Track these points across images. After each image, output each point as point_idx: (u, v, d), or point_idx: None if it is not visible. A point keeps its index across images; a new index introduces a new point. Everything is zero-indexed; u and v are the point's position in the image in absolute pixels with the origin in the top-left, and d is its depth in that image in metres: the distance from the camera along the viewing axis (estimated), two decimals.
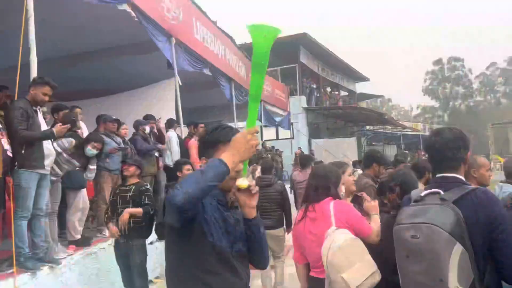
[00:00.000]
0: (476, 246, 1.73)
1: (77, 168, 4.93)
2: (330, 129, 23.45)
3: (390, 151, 28.00)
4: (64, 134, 4.30)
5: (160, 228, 4.27)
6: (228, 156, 1.52)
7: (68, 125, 4.28)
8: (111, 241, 5.11)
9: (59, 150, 4.57)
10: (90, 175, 5.04)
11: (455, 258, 1.69)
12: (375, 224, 2.71)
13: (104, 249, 5.01)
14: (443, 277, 1.70)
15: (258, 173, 8.55)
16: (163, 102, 8.36)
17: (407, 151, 31.73)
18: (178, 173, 4.56)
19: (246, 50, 13.17)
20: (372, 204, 2.86)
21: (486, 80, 70.76)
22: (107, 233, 5.49)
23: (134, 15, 6.01)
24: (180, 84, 7.83)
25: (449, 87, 71.27)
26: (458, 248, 1.69)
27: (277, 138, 20.64)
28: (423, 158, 24.41)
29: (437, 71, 71.53)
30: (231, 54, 10.60)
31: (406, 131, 32.08)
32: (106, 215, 4.48)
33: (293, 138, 18.57)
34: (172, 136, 7.37)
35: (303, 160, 6.70)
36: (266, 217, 5.29)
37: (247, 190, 1.65)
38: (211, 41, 9.30)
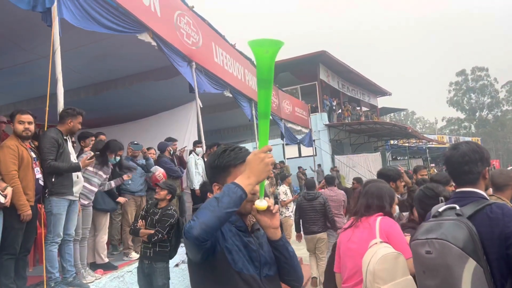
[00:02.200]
0: (492, 261, 1.70)
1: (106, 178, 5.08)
2: (353, 145, 23.24)
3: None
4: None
5: None
6: (243, 179, 1.43)
7: (93, 160, 4.42)
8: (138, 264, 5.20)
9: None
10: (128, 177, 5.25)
11: (468, 274, 1.68)
12: None
13: (131, 272, 5.09)
14: None
15: (283, 194, 8.57)
16: (186, 125, 8.51)
17: (433, 165, 31.10)
18: (208, 194, 4.62)
19: None
20: None
21: None
22: (133, 255, 5.59)
23: (155, 44, 6.21)
24: (201, 106, 7.99)
25: (474, 98, 69.86)
26: (471, 264, 1.68)
27: (300, 156, 20.58)
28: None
29: (461, 82, 70.32)
30: (250, 75, 10.75)
31: (431, 144, 31.47)
32: (131, 227, 4.61)
33: (315, 155, 18.47)
34: (190, 160, 7.46)
35: (329, 179, 7.77)
36: (313, 224, 6.71)
37: (267, 210, 1.57)
38: (231, 63, 9.47)
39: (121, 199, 5.63)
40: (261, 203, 1.53)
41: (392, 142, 27.90)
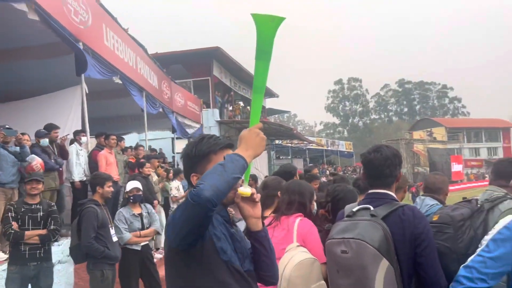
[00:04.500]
0: (402, 261, 1.79)
1: None
2: None
3: (297, 165, 29.20)
4: None
5: (75, 251, 4.02)
6: (241, 151, 1.43)
7: None
8: (4, 266, 4.52)
9: None
10: None
11: (381, 273, 1.74)
12: None
13: None
14: None
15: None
16: (68, 111, 7.71)
17: (312, 164, 33.36)
18: (98, 188, 4.25)
19: (160, 60, 12.84)
20: None
21: (381, 100, 77.82)
22: None
23: (37, 19, 5.50)
24: (87, 91, 7.33)
25: (348, 105, 76.90)
26: (384, 264, 1.74)
27: None
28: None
29: (338, 90, 76.79)
30: (142, 63, 10.24)
31: (311, 146, 33.70)
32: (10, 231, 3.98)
33: None
34: (71, 149, 6.78)
35: None
36: None
37: (250, 199, 1.53)
38: (122, 48, 8.91)
39: None
40: (246, 189, 1.50)
41: (277, 141, 29.17)
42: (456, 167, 36.87)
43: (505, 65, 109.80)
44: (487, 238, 1.68)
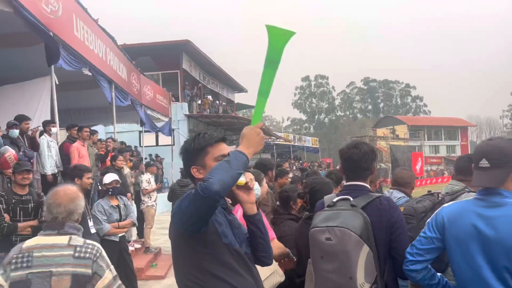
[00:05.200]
0: (379, 246, 1.99)
1: None
2: None
3: None
4: None
5: None
6: (243, 148, 1.61)
7: None
8: None
9: None
10: None
11: (363, 257, 1.93)
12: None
13: None
14: (352, 275, 1.93)
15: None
16: (37, 102, 7.55)
17: (279, 159, 33.77)
18: (76, 180, 4.24)
19: (128, 51, 12.65)
20: None
21: (346, 98, 79.42)
22: None
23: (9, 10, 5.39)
24: (57, 82, 7.21)
25: (315, 102, 78.06)
26: (365, 249, 1.93)
27: (157, 145, 20.14)
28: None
29: (305, 87, 77.75)
30: (112, 55, 10.09)
31: (279, 141, 34.10)
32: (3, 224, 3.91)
33: (174, 144, 18.29)
34: (42, 141, 6.65)
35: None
36: None
37: (245, 186, 1.70)
38: (92, 39, 8.76)
39: None
40: (241, 178, 1.65)
41: None
42: (418, 164, 38.33)
43: (465, 67, 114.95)
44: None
